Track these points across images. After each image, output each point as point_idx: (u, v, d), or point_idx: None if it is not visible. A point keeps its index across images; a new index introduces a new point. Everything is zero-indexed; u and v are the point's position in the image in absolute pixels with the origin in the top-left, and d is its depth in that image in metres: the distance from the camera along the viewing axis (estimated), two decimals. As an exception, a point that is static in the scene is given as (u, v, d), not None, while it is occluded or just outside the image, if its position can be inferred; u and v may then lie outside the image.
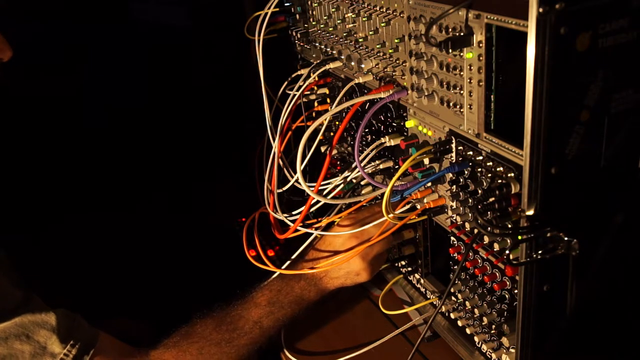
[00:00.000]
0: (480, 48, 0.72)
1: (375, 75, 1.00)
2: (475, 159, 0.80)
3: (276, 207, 1.08)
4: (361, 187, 1.09)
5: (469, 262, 0.88)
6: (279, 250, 1.36)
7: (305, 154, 1.03)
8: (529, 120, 0.64)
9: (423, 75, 0.86)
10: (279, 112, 1.09)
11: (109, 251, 1.66)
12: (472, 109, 0.77)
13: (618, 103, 0.69)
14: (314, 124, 0.95)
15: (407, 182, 0.90)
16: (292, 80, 1.16)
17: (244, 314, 1.01)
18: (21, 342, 0.86)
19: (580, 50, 0.63)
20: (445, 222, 0.94)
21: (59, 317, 0.90)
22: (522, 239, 0.69)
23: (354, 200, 1.03)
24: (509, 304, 0.83)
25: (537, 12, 0.58)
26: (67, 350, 0.89)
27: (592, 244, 0.73)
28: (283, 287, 1.04)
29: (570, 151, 0.67)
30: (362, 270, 1.05)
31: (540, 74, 0.61)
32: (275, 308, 1.02)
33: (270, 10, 1.14)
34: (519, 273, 0.76)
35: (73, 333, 0.91)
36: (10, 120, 1.66)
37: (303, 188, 0.98)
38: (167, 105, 1.94)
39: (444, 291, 1.04)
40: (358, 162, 0.93)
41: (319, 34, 1.17)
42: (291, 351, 1.12)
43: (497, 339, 0.89)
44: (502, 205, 0.73)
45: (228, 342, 0.98)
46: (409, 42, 0.87)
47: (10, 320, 0.86)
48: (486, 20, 0.69)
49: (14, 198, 1.67)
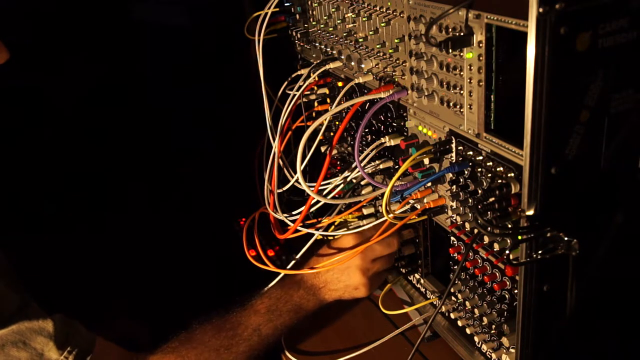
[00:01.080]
0: (480, 48, 0.72)
1: (375, 75, 1.00)
2: (475, 159, 0.80)
3: (276, 207, 1.08)
4: (361, 187, 1.09)
5: (469, 262, 0.88)
6: (279, 250, 1.36)
7: (305, 154, 1.03)
8: (529, 120, 0.64)
9: (423, 75, 0.86)
10: (279, 112, 1.09)
11: (109, 252, 1.66)
12: (472, 109, 0.77)
13: (618, 103, 0.69)
14: (314, 124, 0.95)
15: (407, 182, 0.91)
16: (292, 80, 1.16)
17: (243, 320, 1.02)
18: (18, 349, 0.86)
19: (580, 50, 0.63)
20: (445, 222, 0.94)
21: (56, 324, 0.90)
22: (522, 239, 0.69)
23: (354, 200, 1.03)
24: (509, 304, 0.83)
25: (537, 12, 0.58)
26: (64, 356, 0.89)
27: (592, 244, 0.73)
28: (282, 296, 1.05)
29: (570, 151, 0.67)
30: (361, 285, 1.06)
31: (540, 74, 0.61)
32: (274, 316, 1.03)
33: (270, 10, 1.14)
34: (519, 273, 0.76)
35: (70, 339, 0.90)
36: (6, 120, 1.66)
37: (303, 188, 0.98)
38: (167, 105, 1.95)
39: (444, 291, 1.04)
40: (358, 162, 0.93)
41: (319, 34, 1.17)
42: (292, 351, 1.12)
43: (497, 339, 0.89)
44: (502, 205, 0.73)
45: (227, 349, 0.99)
46: (409, 42, 0.87)
47: (7, 327, 0.86)
48: (486, 20, 0.69)
49: (12, 199, 1.66)
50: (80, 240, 1.67)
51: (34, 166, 1.73)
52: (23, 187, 1.70)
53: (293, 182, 1.06)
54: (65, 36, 1.76)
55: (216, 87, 1.88)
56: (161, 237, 1.69)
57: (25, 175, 1.69)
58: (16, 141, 1.72)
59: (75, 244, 1.64)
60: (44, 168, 1.74)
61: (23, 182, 1.69)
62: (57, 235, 1.66)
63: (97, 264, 1.62)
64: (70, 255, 1.61)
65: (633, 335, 0.88)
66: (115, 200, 1.83)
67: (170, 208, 1.84)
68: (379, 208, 1.07)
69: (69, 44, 1.77)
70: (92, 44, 1.81)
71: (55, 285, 1.39)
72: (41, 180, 1.73)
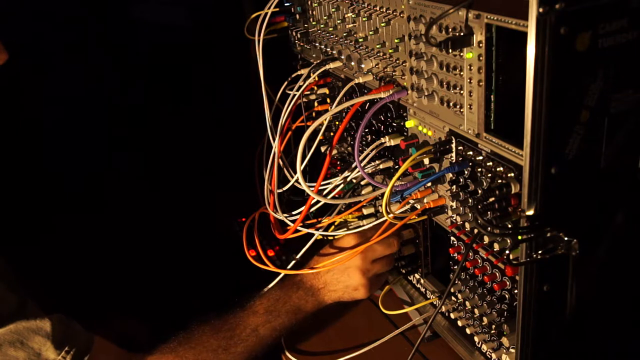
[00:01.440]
0: (480, 48, 0.72)
1: (375, 75, 1.00)
2: (475, 159, 0.80)
3: (276, 207, 1.08)
4: (361, 187, 1.09)
5: (469, 262, 0.88)
6: (279, 250, 1.36)
7: (305, 154, 1.03)
8: (529, 120, 0.64)
9: (423, 75, 0.86)
10: (279, 112, 1.09)
11: (109, 252, 1.66)
12: (472, 109, 0.77)
13: (618, 103, 0.69)
14: (314, 124, 0.95)
15: (407, 182, 0.91)
16: (292, 80, 1.16)
17: (242, 321, 1.02)
18: (15, 349, 0.86)
19: (580, 50, 0.63)
20: (445, 222, 0.94)
21: (54, 323, 0.90)
22: (522, 239, 0.69)
23: (354, 200, 1.03)
24: (509, 304, 0.83)
25: (537, 12, 0.58)
26: (62, 356, 0.89)
27: (592, 244, 0.73)
28: (281, 296, 1.05)
29: (570, 151, 0.67)
30: (360, 286, 1.06)
31: (540, 74, 0.61)
32: (272, 317, 1.03)
33: (270, 10, 1.14)
34: (519, 273, 0.76)
35: (68, 339, 0.90)
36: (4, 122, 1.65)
37: (303, 188, 0.98)
38: (167, 105, 1.94)
39: (444, 291, 1.04)
40: (358, 162, 0.93)
41: (319, 34, 1.17)
42: (292, 351, 1.12)
43: (497, 339, 0.89)
44: (502, 205, 0.73)
45: (224, 350, 0.99)
46: (409, 42, 0.87)
47: (5, 326, 0.86)
48: (486, 20, 0.69)
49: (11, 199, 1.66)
50: (80, 240, 1.66)
51: (33, 166, 1.72)
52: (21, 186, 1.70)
53: (293, 182, 1.06)
54: (65, 36, 1.76)
55: (216, 87, 1.88)
56: (161, 237, 1.69)
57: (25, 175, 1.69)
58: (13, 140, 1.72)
59: (74, 243, 1.64)
60: (43, 167, 1.74)
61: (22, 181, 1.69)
62: (55, 235, 1.65)
63: (96, 263, 1.62)
64: (70, 255, 1.61)
65: (633, 335, 0.88)
66: (115, 200, 1.83)
67: (171, 208, 1.83)
68: (379, 208, 1.07)
69: (68, 43, 1.76)
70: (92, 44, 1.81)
71: (54, 285, 1.39)
72: (41, 179, 1.73)
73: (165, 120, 1.93)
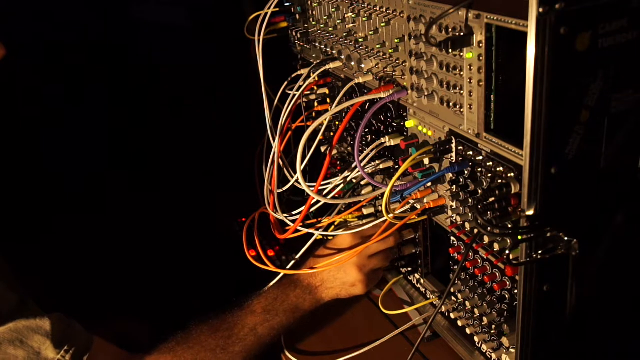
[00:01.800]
0: (480, 48, 0.72)
1: (375, 75, 1.00)
2: (475, 159, 0.80)
3: (276, 207, 1.08)
4: (361, 187, 1.09)
5: (469, 262, 0.88)
6: (279, 250, 1.36)
7: (305, 154, 1.03)
8: (529, 120, 0.64)
9: (423, 75, 0.86)
10: (279, 112, 1.09)
11: (109, 251, 1.66)
12: (472, 109, 0.77)
13: (618, 103, 0.69)
14: (314, 124, 0.95)
15: (407, 182, 0.91)
16: (292, 80, 1.16)
17: (240, 320, 1.02)
18: (15, 348, 0.86)
19: (580, 50, 0.63)
20: (445, 222, 0.94)
21: (54, 322, 0.90)
22: (522, 239, 0.69)
23: (354, 200, 1.03)
24: (509, 304, 0.83)
25: (537, 12, 0.58)
26: (61, 355, 0.89)
27: (592, 244, 0.73)
28: (279, 295, 1.05)
29: (570, 151, 0.67)
30: (357, 282, 1.06)
31: (540, 74, 0.61)
32: (270, 316, 1.03)
33: (270, 10, 1.14)
34: (519, 273, 0.76)
35: (67, 338, 0.91)
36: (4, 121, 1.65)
37: (303, 188, 0.98)
38: (167, 105, 1.94)
39: (444, 291, 1.04)
40: (358, 162, 0.93)
41: (319, 34, 1.17)
42: (292, 351, 1.12)
43: (497, 339, 0.89)
44: (502, 205, 0.73)
45: (223, 349, 0.99)
46: (409, 42, 0.87)
47: (4, 325, 0.86)
48: (486, 20, 0.69)
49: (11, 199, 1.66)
50: (80, 239, 1.66)
51: (33, 166, 1.72)
52: (21, 186, 1.70)
53: (293, 182, 1.06)
54: (65, 36, 1.76)
55: (216, 87, 1.88)
56: (161, 237, 1.69)
57: (25, 175, 1.69)
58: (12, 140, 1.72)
59: (74, 243, 1.64)
60: (43, 167, 1.74)
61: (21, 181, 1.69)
62: (55, 235, 1.65)
63: (96, 263, 1.62)
64: (69, 255, 1.61)
65: (633, 335, 0.88)
66: (115, 200, 1.83)
67: (171, 208, 1.83)
68: (379, 208, 1.07)
69: (69, 43, 1.76)
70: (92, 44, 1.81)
71: (54, 284, 1.39)
72: (41, 179, 1.73)
73: (165, 120, 1.93)
